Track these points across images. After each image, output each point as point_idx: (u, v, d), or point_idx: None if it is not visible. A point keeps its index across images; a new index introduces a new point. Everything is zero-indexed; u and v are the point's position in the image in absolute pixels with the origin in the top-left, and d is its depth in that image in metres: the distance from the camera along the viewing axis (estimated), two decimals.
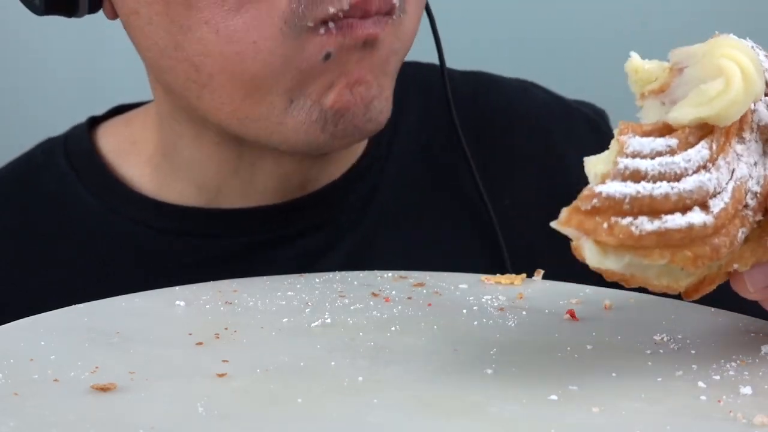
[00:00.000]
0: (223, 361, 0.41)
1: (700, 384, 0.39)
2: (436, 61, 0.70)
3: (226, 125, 0.57)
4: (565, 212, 0.36)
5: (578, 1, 1.16)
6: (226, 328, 0.45)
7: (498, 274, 0.56)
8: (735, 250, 0.38)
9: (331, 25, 0.52)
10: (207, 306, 0.49)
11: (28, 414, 0.35)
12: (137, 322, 0.46)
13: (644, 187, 0.36)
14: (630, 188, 0.36)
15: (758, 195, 0.39)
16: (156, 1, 0.54)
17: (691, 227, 0.36)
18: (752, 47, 0.40)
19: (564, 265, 0.57)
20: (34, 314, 0.46)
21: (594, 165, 0.38)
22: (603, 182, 0.36)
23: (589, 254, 0.36)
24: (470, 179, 0.67)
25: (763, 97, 0.39)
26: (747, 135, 0.39)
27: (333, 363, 0.41)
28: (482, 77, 0.75)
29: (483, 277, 0.56)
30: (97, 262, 0.65)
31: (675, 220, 0.36)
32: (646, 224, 0.35)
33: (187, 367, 0.40)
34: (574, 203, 0.36)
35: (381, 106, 0.57)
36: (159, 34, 0.55)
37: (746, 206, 0.38)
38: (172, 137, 0.65)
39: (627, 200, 0.35)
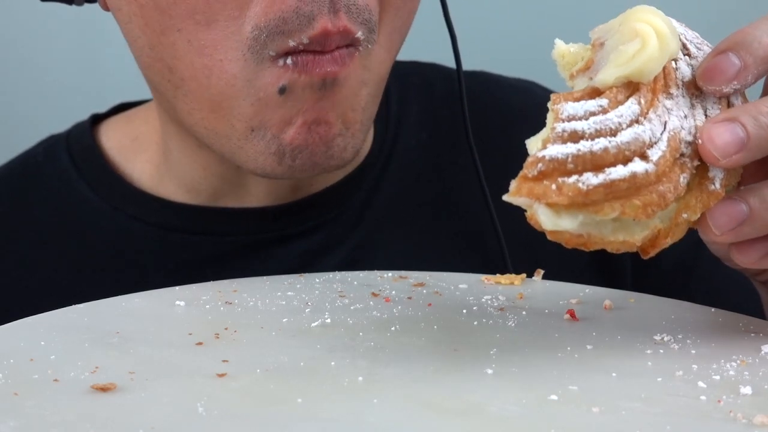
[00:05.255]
0: (223, 361, 0.41)
1: (700, 384, 0.39)
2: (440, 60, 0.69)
3: (196, 131, 0.57)
4: (514, 183, 0.38)
5: (580, 1, 1.16)
6: (226, 328, 0.45)
7: (498, 274, 0.56)
8: (680, 195, 0.40)
9: (289, 60, 0.52)
10: (207, 306, 0.49)
11: (28, 414, 0.35)
12: (137, 322, 0.46)
13: (584, 145, 0.37)
14: (571, 148, 0.37)
15: (691, 144, 0.40)
16: (133, 1, 0.54)
17: (634, 175, 0.37)
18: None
19: (564, 265, 0.57)
20: (34, 314, 0.46)
21: (535, 144, 0.40)
22: (544, 147, 0.37)
23: (544, 218, 0.38)
24: (471, 178, 0.67)
25: (682, 56, 0.42)
26: (674, 91, 0.41)
27: (333, 363, 0.41)
28: (484, 76, 0.75)
29: (483, 277, 0.56)
30: (96, 258, 0.65)
31: (618, 171, 0.37)
32: (591, 179, 0.37)
33: (187, 367, 0.40)
34: (521, 172, 0.38)
35: (345, 143, 0.55)
36: (137, 33, 0.56)
37: (683, 155, 0.40)
38: (165, 136, 0.65)
39: (570, 159, 0.37)
